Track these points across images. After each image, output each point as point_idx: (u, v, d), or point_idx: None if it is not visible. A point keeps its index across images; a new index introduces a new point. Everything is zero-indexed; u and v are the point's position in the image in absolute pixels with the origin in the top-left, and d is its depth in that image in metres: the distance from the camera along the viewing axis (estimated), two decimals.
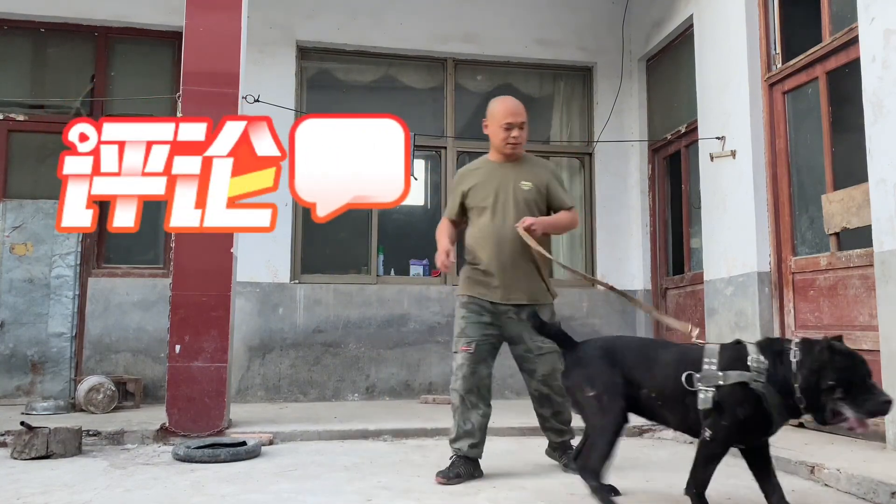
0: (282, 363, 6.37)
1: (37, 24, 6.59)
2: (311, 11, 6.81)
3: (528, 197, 3.50)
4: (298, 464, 3.77)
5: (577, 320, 6.85)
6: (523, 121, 3.53)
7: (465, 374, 3.38)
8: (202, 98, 4.78)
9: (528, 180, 3.52)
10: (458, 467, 3.34)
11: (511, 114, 3.51)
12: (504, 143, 3.52)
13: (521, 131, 3.52)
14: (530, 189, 3.50)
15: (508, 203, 3.47)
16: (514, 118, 3.50)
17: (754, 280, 4.99)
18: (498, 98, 3.64)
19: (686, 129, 6.26)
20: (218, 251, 4.67)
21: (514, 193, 3.49)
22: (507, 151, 3.54)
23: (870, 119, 3.96)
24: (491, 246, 3.45)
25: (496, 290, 3.45)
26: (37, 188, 6.57)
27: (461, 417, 3.40)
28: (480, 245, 3.49)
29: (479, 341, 3.42)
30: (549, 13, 7.22)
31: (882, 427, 3.87)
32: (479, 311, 3.45)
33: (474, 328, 3.44)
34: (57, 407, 5.47)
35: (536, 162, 3.71)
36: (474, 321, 3.45)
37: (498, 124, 3.52)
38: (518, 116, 3.51)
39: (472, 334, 3.43)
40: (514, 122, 3.49)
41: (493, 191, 3.50)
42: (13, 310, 6.14)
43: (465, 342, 3.42)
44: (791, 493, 3.16)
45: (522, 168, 3.58)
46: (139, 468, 3.68)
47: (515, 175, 3.53)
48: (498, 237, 3.44)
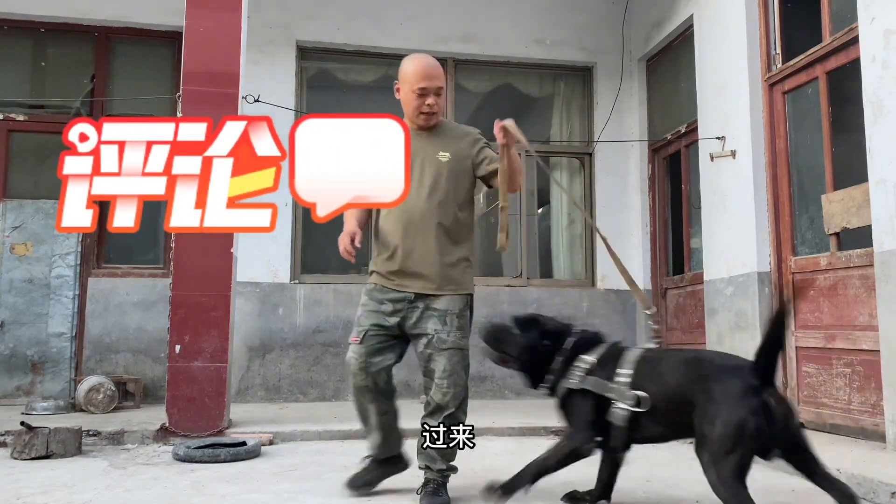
0: (282, 363, 6.37)
1: (37, 24, 6.59)
2: (311, 11, 6.81)
3: (449, 168, 3.00)
4: (298, 464, 3.77)
5: (577, 320, 6.81)
6: (440, 85, 2.98)
7: (355, 369, 2.95)
8: (202, 98, 4.78)
9: (446, 150, 3.02)
10: (369, 473, 3.10)
11: (426, 77, 2.94)
12: (417, 111, 2.99)
13: (438, 98, 2.98)
14: (450, 160, 3.01)
15: (425, 179, 2.97)
16: (430, 82, 2.94)
17: (754, 280, 4.99)
18: (411, 56, 3.05)
19: (686, 129, 6.26)
20: (218, 251, 4.68)
21: (431, 167, 2.99)
22: (419, 122, 3.02)
23: (870, 119, 3.96)
24: (401, 227, 2.97)
25: (402, 277, 2.98)
26: (37, 188, 6.58)
27: (361, 417, 3.08)
28: (390, 227, 3.01)
29: (370, 331, 2.95)
30: (549, 13, 7.22)
31: (882, 427, 3.87)
32: (380, 300, 2.99)
33: (368, 317, 2.98)
34: (57, 407, 5.47)
35: (457, 128, 3.18)
36: (372, 309, 2.99)
37: (410, 88, 2.97)
38: (434, 80, 2.95)
39: (364, 323, 2.97)
40: (429, 87, 2.95)
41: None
42: (13, 310, 6.14)
43: (356, 332, 2.99)
44: (791, 492, 3.16)
45: (441, 137, 3.06)
46: (139, 468, 3.68)
47: (433, 145, 3.02)
48: (408, 216, 2.95)
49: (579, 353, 2.71)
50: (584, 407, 2.64)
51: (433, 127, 3.06)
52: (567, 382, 2.66)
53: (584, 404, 2.63)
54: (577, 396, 2.65)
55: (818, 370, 4.56)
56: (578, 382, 2.64)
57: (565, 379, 2.68)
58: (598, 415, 2.60)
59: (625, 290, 6.97)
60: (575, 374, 2.66)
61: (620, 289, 6.99)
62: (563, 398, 2.70)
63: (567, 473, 3.47)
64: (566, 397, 2.69)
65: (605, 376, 2.61)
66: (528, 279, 6.99)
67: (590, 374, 2.64)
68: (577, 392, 2.64)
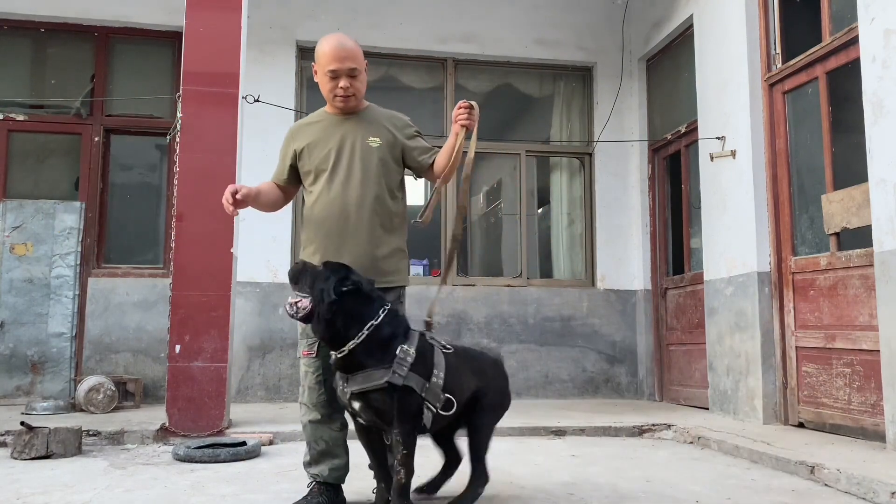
0: (282, 363, 6.37)
1: (37, 24, 6.59)
2: (311, 11, 6.81)
3: (379, 156, 2.81)
4: (298, 464, 3.75)
5: (577, 320, 6.86)
6: (353, 66, 2.76)
7: (311, 383, 2.78)
8: (202, 98, 4.78)
9: (376, 136, 2.83)
10: (317, 497, 2.79)
11: (335, 59, 2.74)
12: (331, 94, 2.80)
13: (353, 79, 2.77)
14: (380, 146, 2.82)
15: (354, 166, 2.78)
16: (340, 64, 2.74)
17: (754, 280, 4.99)
18: (325, 37, 2.84)
19: (686, 129, 6.26)
20: (218, 251, 4.68)
21: (360, 154, 2.80)
22: (337, 105, 2.84)
23: (870, 119, 3.96)
24: (332, 221, 2.76)
25: None
26: (37, 188, 6.58)
27: (312, 435, 2.82)
28: (319, 221, 2.80)
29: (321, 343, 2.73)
30: (549, 13, 7.22)
31: (882, 427, 3.87)
32: None
33: None
34: (57, 407, 5.47)
35: (386, 114, 2.96)
36: None
37: (322, 71, 2.79)
38: (345, 62, 2.74)
39: (312, 335, 2.73)
40: (339, 70, 2.75)
41: (335, 151, 2.81)
42: (13, 310, 6.14)
43: (306, 345, 2.80)
44: (791, 492, 3.16)
45: (370, 122, 2.87)
46: (139, 468, 3.68)
47: (362, 130, 2.83)
48: (341, 208, 2.75)
49: (396, 337, 2.54)
50: (410, 402, 2.49)
51: (361, 111, 2.89)
52: (394, 377, 2.45)
53: (412, 400, 2.49)
54: (401, 391, 2.47)
55: (818, 370, 4.56)
56: (404, 379, 2.46)
57: (389, 370, 2.46)
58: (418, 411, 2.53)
59: (625, 290, 7.00)
60: (402, 368, 2.47)
61: (620, 289, 7.00)
62: (387, 390, 2.47)
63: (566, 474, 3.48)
64: (390, 389, 2.46)
65: (424, 374, 2.52)
66: (528, 279, 6.99)
67: (412, 370, 2.48)
68: (402, 387, 2.47)
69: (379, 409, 2.49)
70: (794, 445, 3.90)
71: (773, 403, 4.84)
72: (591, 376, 6.85)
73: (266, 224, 6.40)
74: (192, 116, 4.77)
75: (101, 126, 6.58)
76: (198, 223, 4.66)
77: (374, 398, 2.47)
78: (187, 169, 4.72)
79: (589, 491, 3.12)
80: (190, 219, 4.67)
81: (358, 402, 2.51)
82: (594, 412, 5.58)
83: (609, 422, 4.98)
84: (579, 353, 6.84)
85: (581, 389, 6.81)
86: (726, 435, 4.32)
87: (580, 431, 4.80)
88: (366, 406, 2.50)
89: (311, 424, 2.82)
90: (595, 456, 4.06)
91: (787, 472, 3.54)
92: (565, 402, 6.47)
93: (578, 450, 4.26)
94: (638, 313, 6.95)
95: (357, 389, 2.47)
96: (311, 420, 2.82)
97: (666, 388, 6.61)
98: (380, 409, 2.48)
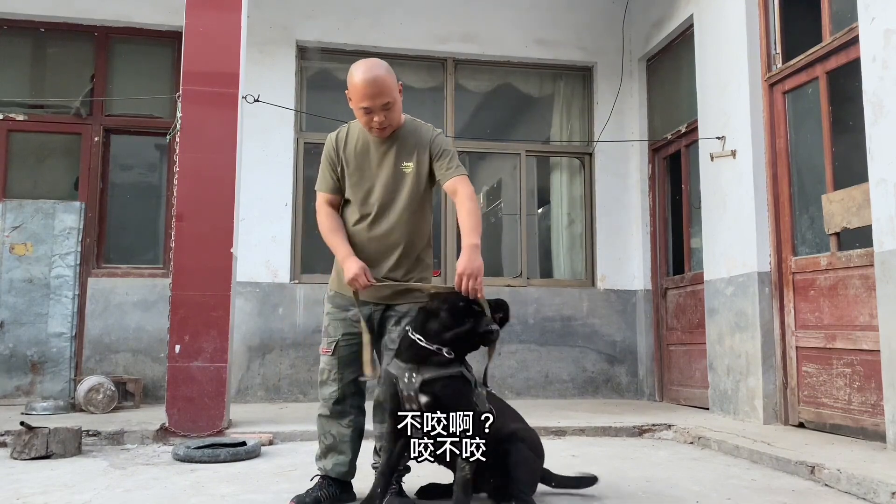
0: (282, 363, 6.37)
1: (37, 24, 6.59)
2: (311, 11, 6.81)
3: (412, 180, 2.91)
4: (298, 464, 3.77)
5: (577, 320, 6.86)
6: (387, 101, 2.79)
7: (327, 379, 2.94)
8: (202, 98, 4.78)
9: (409, 160, 2.91)
10: (318, 490, 2.87)
11: (367, 97, 2.77)
12: (367, 126, 2.88)
13: (388, 111, 2.82)
14: (412, 171, 2.91)
15: (395, 203, 2.90)
16: (372, 102, 2.77)
17: (754, 280, 4.99)
18: (356, 68, 2.84)
19: (686, 129, 6.26)
20: (218, 251, 4.68)
21: (395, 185, 2.91)
22: (373, 135, 2.91)
23: (870, 119, 3.96)
24: (369, 252, 2.90)
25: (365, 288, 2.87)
26: (37, 188, 6.58)
27: (322, 429, 2.95)
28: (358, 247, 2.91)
29: (340, 342, 2.92)
30: (549, 13, 7.22)
31: (882, 427, 3.87)
32: (344, 307, 2.94)
33: (336, 326, 2.95)
34: (57, 407, 5.47)
35: (415, 129, 2.99)
36: (338, 318, 2.95)
37: (356, 105, 2.84)
38: (377, 99, 2.77)
39: (333, 334, 2.93)
40: (372, 107, 2.79)
41: (370, 181, 2.92)
42: (13, 310, 6.14)
43: (326, 343, 2.96)
44: (791, 492, 3.16)
45: (403, 146, 2.93)
46: (139, 468, 3.68)
47: (395, 154, 2.92)
48: (379, 244, 2.91)
49: None
50: (470, 392, 2.61)
51: (397, 131, 2.95)
52: (462, 369, 2.60)
53: (471, 393, 2.61)
54: (467, 382, 2.61)
55: (818, 370, 4.56)
56: (469, 374, 2.62)
57: (460, 366, 2.62)
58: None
59: (625, 290, 6.99)
60: (468, 366, 2.64)
61: (620, 289, 7.00)
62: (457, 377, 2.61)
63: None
64: (459, 378, 2.61)
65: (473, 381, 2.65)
66: (528, 279, 6.99)
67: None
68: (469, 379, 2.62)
69: (442, 396, 2.56)
70: (795, 445, 3.90)
71: (774, 403, 4.84)
72: (592, 376, 6.85)
73: (266, 224, 6.42)
74: (192, 116, 4.77)
75: (100, 126, 6.58)
76: (198, 223, 4.66)
77: (442, 384, 2.56)
78: (187, 169, 4.72)
79: (589, 490, 3.11)
80: (190, 219, 4.66)
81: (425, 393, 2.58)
82: (594, 412, 5.58)
83: (609, 422, 4.98)
84: (579, 353, 6.84)
85: (581, 389, 6.81)
86: (726, 435, 4.32)
87: (580, 431, 4.80)
88: (431, 394, 2.57)
89: (321, 418, 2.97)
90: (595, 456, 4.06)
91: (787, 472, 3.54)
92: (565, 402, 6.46)
93: (579, 450, 4.26)
94: (638, 313, 6.94)
95: (430, 377, 2.57)
96: (322, 414, 2.96)
97: (666, 388, 6.60)
98: (442, 395, 2.56)
